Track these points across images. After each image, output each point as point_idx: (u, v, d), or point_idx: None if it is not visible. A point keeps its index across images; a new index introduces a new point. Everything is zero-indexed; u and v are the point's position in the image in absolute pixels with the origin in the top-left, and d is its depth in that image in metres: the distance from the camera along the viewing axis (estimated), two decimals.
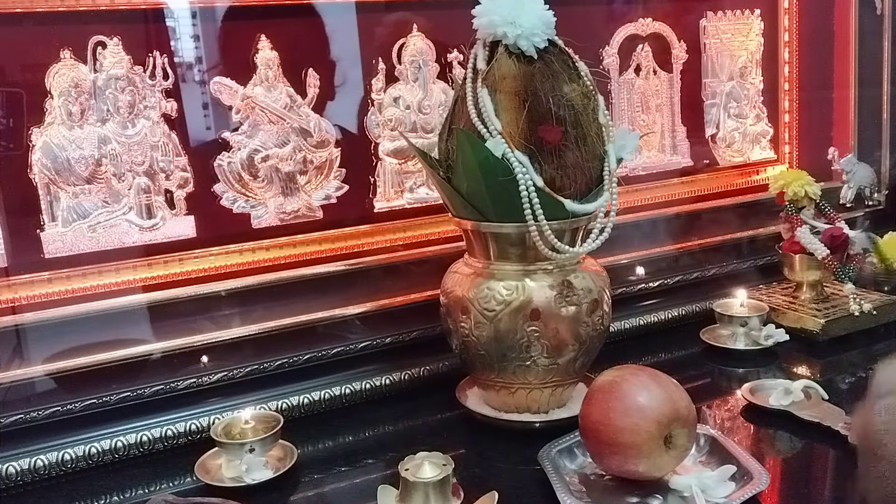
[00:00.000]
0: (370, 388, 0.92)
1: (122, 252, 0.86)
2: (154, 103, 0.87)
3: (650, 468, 0.67)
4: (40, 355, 0.82)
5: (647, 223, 1.15)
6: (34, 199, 0.83)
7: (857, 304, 1.04)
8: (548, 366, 0.80)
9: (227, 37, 0.90)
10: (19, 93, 0.81)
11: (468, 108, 0.76)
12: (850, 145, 1.31)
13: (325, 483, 0.77)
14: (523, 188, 0.73)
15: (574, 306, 0.79)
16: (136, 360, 0.85)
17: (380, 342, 0.96)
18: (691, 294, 1.14)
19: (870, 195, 1.31)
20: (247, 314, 0.91)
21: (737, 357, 1.00)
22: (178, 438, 0.84)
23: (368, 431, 0.87)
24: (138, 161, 0.87)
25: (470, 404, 0.86)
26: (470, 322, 0.80)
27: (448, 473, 0.67)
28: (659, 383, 0.69)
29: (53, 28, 0.82)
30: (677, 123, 1.20)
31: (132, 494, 0.77)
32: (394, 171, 0.99)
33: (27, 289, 0.82)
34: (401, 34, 0.98)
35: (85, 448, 0.80)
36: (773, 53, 1.26)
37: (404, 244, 1.00)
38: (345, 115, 0.96)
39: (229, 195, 0.91)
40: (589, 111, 0.78)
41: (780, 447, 0.79)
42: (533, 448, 0.75)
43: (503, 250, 0.80)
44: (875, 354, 1.00)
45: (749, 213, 1.23)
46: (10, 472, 0.77)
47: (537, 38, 0.76)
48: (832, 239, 1.05)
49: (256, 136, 0.92)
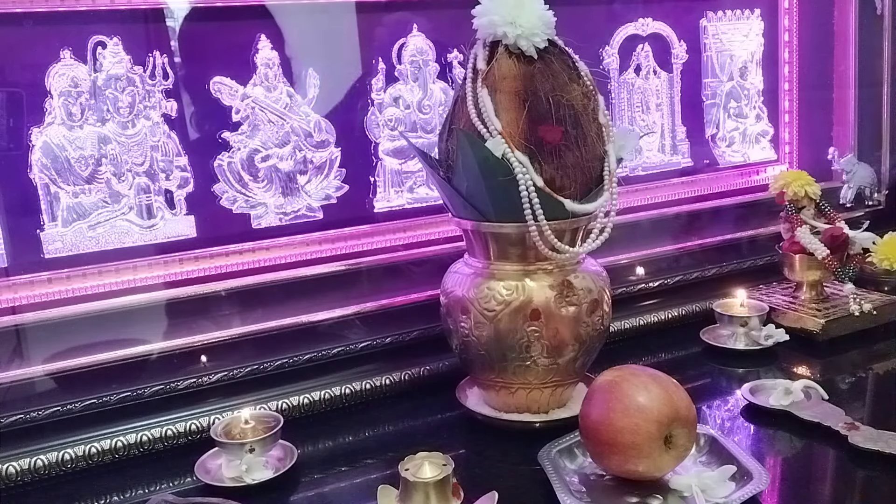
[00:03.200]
0: (370, 388, 0.92)
1: (121, 252, 0.86)
2: (154, 103, 0.87)
3: (650, 468, 0.67)
4: (40, 355, 0.82)
5: (647, 223, 1.15)
6: (34, 199, 0.83)
7: (857, 304, 1.04)
8: (548, 366, 0.80)
9: (227, 37, 0.90)
10: (19, 93, 0.82)
11: (468, 108, 0.76)
12: (850, 145, 1.31)
13: (325, 483, 0.77)
14: (523, 188, 0.73)
15: (574, 306, 0.79)
16: (136, 360, 0.85)
17: (380, 342, 0.96)
18: (691, 294, 1.14)
19: (870, 195, 1.32)
20: (247, 314, 0.91)
21: (737, 357, 1.00)
22: (178, 438, 0.84)
23: (368, 431, 0.87)
24: (138, 161, 0.87)
25: (470, 404, 0.86)
26: (470, 322, 0.80)
27: (448, 473, 0.67)
28: (659, 383, 0.69)
29: (53, 28, 0.82)
30: (677, 123, 1.20)
31: (132, 494, 0.77)
32: (394, 171, 1.00)
33: (27, 289, 0.82)
34: (401, 34, 0.98)
35: (85, 448, 0.80)
36: (773, 53, 1.26)
37: (404, 244, 1.00)
38: (345, 115, 0.96)
39: (229, 195, 0.91)
40: (589, 111, 0.78)
41: (780, 447, 0.79)
42: (533, 448, 0.75)
43: (503, 250, 0.80)
44: (875, 354, 1.00)
45: (749, 213, 1.23)
46: (10, 472, 0.77)
47: (537, 38, 0.76)
48: (832, 239, 1.05)
49: (256, 136, 0.92)
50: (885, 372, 0.96)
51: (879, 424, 0.77)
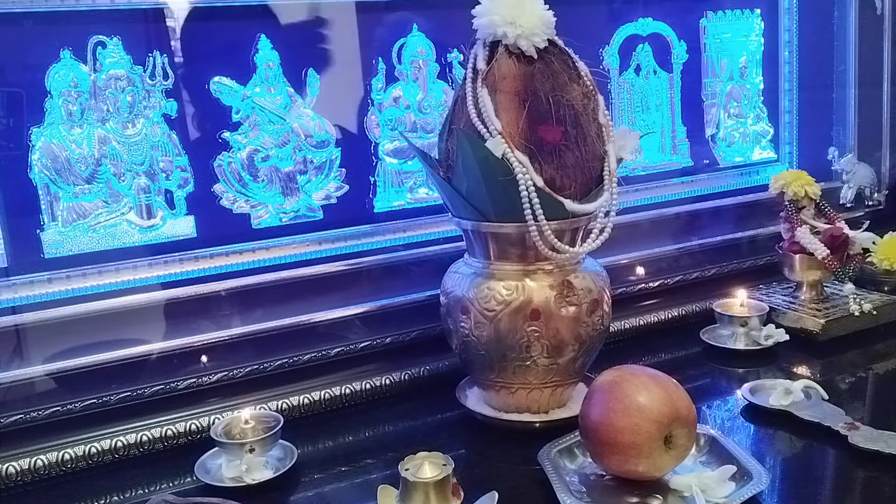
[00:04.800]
0: (370, 388, 0.92)
1: (122, 252, 0.86)
2: (154, 103, 0.87)
3: (650, 468, 0.67)
4: (40, 355, 0.82)
5: (647, 223, 1.15)
6: (34, 199, 0.83)
7: (857, 304, 1.04)
8: (548, 366, 0.80)
9: (227, 37, 0.90)
10: (19, 93, 0.82)
11: (468, 108, 0.76)
12: (850, 145, 1.31)
13: (325, 483, 0.77)
14: (523, 188, 0.73)
15: (574, 306, 0.79)
16: (136, 360, 0.85)
17: (380, 342, 0.96)
18: (691, 294, 1.14)
19: (870, 195, 1.32)
20: (247, 314, 0.91)
21: (737, 357, 1.00)
22: (178, 438, 0.84)
23: (368, 431, 0.87)
24: (138, 161, 0.87)
25: (470, 404, 0.86)
26: (470, 322, 0.80)
27: (448, 473, 0.67)
28: (659, 383, 0.69)
29: (53, 28, 0.82)
30: (677, 123, 1.20)
31: (132, 494, 0.77)
32: (394, 171, 1.00)
33: (27, 289, 0.82)
34: (401, 34, 0.98)
35: (85, 448, 0.80)
36: (773, 53, 1.26)
37: (404, 244, 1.00)
38: (345, 115, 0.96)
39: (229, 195, 0.91)
40: (589, 111, 0.78)
41: (780, 447, 0.79)
42: (533, 448, 0.75)
43: (503, 250, 0.80)
44: (875, 354, 1.00)
45: (749, 213, 1.23)
46: (10, 472, 0.77)
47: (537, 38, 0.76)
48: (832, 239, 1.05)
49: (256, 136, 0.92)
50: (885, 372, 0.96)
51: (879, 424, 0.77)
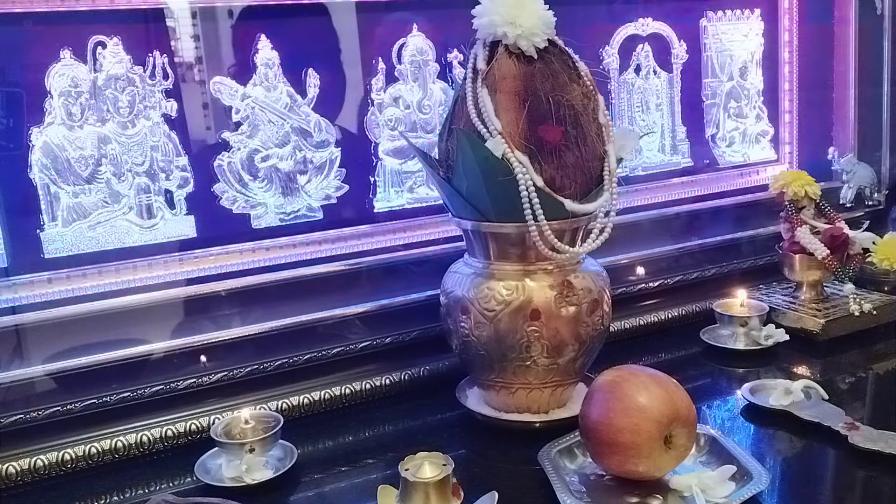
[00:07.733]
0: (370, 388, 0.92)
1: (122, 252, 0.86)
2: (154, 103, 0.87)
3: (650, 468, 0.67)
4: (40, 355, 0.82)
5: (647, 223, 1.15)
6: (34, 199, 0.83)
7: (857, 304, 1.04)
8: (548, 366, 0.80)
9: (227, 37, 0.90)
10: (19, 93, 0.81)
11: (468, 108, 0.76)
12: (850, 145, 1.31)
13: (325, 483, 0.77)
14: (523, 188, 0.73)
15: (574, 306, 0.79)
16: (136, 360, 0.85)
17: (380, 342, 0.96)
18: (691, 294, 1.14)
19: (870, 195, 1.31)
20: (247, 314, 0.91)
21: (737, 357, 1.00)
22: (178, 438, 0.84)
23: (368, 431, 0.87)
24: (138, 161, 0.87)
25: (470, 404, 0.86)
26: (470, 322, 0.80)
27: (448, 473, 0.67)
28: (659, 383, 0.69)
29: (53, 28, 0.82)
30: (677, 123, 1.20)
31: (132, 494, 0.77)
32: (394, 171, 1.00)
33: (27, 289, 0.82)
34: (401, 34, 0.98)
35: (85, 448, 0.80)
36: (773, 53, 1.26)
37: (404, 244, 1.00)
38: (345, 115, 0.96)
39: (229, 195, 0.91)
40: (589, 111, 0.78)
41: (780, 447, 0.79)
42: (533, 448, 0.75)
43: (503, 250, 0.80)
44: (875, 354, 1.00)
45: (749, 213, 1.23)
46: (10, 472, 0.77)
47: (537, 38, 0.76)
48: (832, 239, 1.05)
49: (256, 136, 0.92)
50: (885, 372, 0.96)
51: (879, 424, 0.77)
